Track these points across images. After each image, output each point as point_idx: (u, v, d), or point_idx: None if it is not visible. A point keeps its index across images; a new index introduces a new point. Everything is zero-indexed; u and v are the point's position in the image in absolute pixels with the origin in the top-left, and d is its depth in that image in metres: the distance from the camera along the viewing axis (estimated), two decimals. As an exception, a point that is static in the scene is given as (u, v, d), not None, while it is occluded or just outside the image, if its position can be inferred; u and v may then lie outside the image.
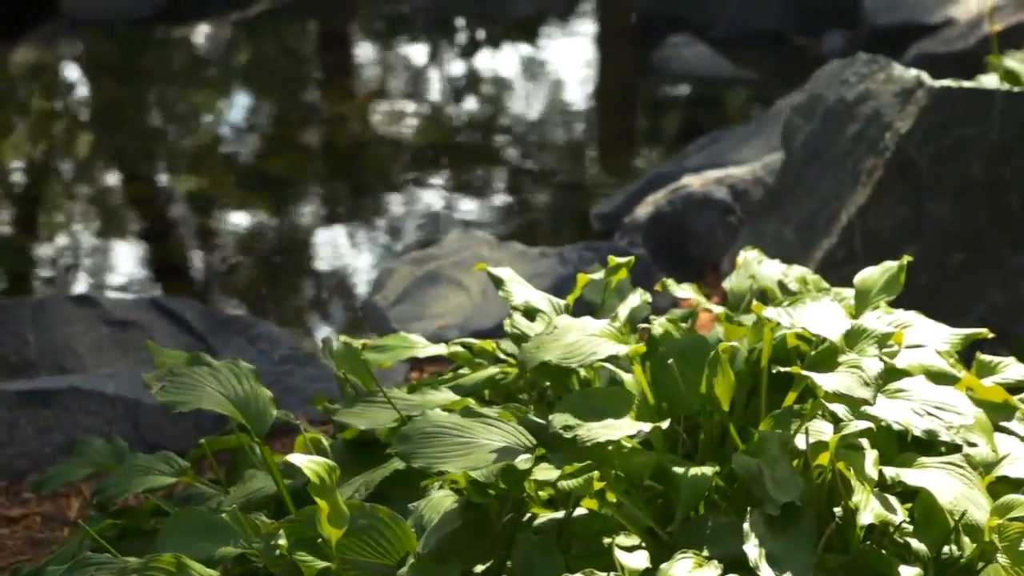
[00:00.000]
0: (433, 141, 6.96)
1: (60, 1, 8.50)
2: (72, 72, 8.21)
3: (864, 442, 2.62)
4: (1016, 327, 4.00)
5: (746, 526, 2.45)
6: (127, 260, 5.82)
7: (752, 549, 2.42)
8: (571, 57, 8.25)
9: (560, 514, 2.60)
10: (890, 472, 2.59)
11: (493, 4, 8.99)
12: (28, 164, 6.85)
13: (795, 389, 2.74)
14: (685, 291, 3.01)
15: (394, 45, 8.55)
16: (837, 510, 2.59)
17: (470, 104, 7.63)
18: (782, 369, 2.71)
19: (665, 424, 2.63)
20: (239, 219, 6.12)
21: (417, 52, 8.45)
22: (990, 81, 4.83)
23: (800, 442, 2.61)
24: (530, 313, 3.04)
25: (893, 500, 2.55)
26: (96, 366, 4.27)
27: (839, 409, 2.57)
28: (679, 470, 2.57)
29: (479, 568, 2.54)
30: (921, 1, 7.44)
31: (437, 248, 5.07)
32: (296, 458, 2.49)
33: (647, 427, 2.59)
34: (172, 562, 2.47)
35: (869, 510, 2.47)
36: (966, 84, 4.24)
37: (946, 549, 2.58)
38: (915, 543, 2.55)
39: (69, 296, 4.61)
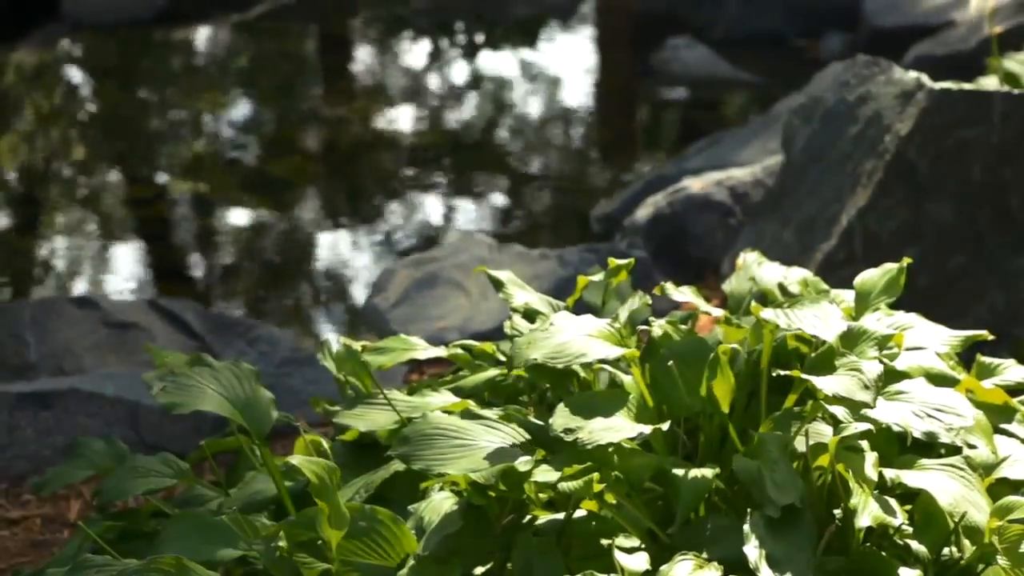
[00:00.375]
0: (433, 143, 6.96)
1: (61, 3, 8.50)
2: (73, 74, 8.21)
3: (864, 444, 2.62)
4: (1016, 329, 4.00)
5: (746, 528, 2.45)
6: (127, 262, 5.82)
7: (752, 551, 2.42)
8: (571, 59, 8.25)
9: (560, 516, 2.60)
10: (890, 474, 2.59)
11: (493, 6, 9.00)
12: (28, 166, 6.85)
13: (795, 391, 2.74)
14: (684, 295, 3.01)
15: (394, 47, 8.55)
16: (837, 512, 2.59)
17: (470, 106, 7.63)
18: (782, 372, 2.71)
19: (665, 426, 2.63)
20: (240, 221, 6.12)
21: (417, 54, 8.45)
22: (990, 83, 4.84)
23: (800, 444, 2.61)
24: (530, 315, 3.04)
25: (893, 502, 2.55)
26: (96, 368, 4.27)
27: (839, 411, 2.57)
28: (679, 472, 2.57)
29: (479, 570, 2.54)
30: (921, 3, 7.44)
31: (437, 250, 5.07)
32: (296, 459, 2.49)
33: (648, 429, 2.59)
34: (173, 564, 2.47)
35: (867, 512, 2.47)
36: (966, 86, 4.24)
37: (946, 551, 2.58)
38: (915, 545, 2.55)
39: (69, 298, 4.60)
